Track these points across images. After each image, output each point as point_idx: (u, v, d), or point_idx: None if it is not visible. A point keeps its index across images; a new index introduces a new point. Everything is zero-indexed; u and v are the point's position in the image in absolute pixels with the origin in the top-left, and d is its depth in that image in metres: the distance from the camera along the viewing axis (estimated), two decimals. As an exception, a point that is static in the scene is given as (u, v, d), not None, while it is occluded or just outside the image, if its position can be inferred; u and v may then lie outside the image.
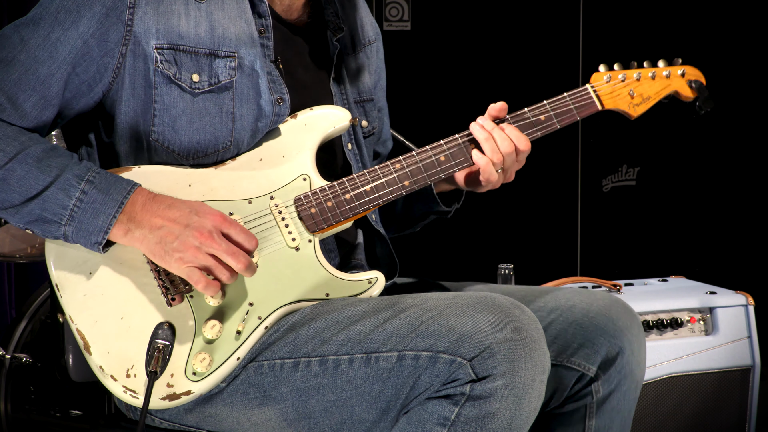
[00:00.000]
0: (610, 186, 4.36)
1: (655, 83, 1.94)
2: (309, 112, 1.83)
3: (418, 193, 1.93)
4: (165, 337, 1.64)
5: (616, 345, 1.79)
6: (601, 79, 1.92)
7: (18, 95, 1.65)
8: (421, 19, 4.10)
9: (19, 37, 1.67)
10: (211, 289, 1.62)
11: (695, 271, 3.42)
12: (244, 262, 1.62)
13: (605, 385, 1.80)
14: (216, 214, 1.63)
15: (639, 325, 1.84)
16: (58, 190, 1.61)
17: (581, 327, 1.80)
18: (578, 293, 1.87)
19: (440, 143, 1.84)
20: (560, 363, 1.80)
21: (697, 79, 1.97)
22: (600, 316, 1.81)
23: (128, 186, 1.64)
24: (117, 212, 1.62)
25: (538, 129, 1.87)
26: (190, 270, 1.61)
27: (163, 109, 1.73)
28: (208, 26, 1.75)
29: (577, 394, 1.82)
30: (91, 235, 1.63)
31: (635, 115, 1.94)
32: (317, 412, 1.65)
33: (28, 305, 2.98)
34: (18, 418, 2.90)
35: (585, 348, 1.79)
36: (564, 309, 1.83)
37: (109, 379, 1.65)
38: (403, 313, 1.63)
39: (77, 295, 1.67)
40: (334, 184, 1.78)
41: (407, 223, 2.10)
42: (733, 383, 2.70)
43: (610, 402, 1.82)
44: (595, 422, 1.83)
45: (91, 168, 1.64)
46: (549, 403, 1.82)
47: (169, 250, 1.61)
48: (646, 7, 4.30)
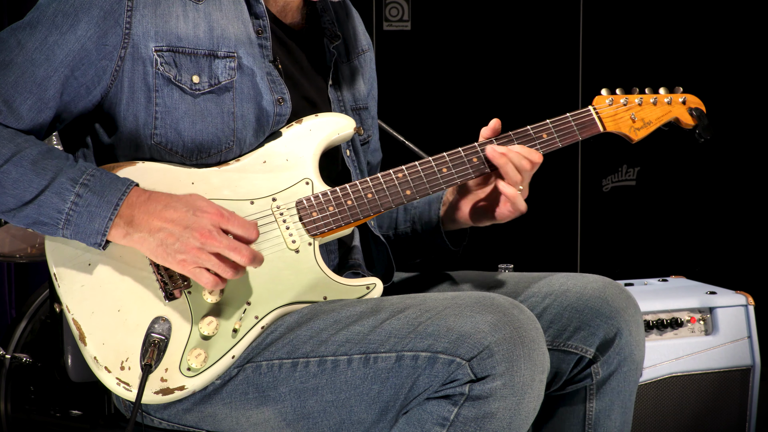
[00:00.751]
0: (610, 186, 4.36)
1: (656, 109, 1.99)
2: (314, 119, 1.83)
3: (424, 234, 1.98)
4: (161, 332, 1.64)
5: (614, 326, 1.80)
6: (604, 102, 1.95)
7: (14, 98, 1.65)
8: (421, 19, 4.10)
9: (16, 41, 1.67)
10: (219, 286, 1.63)
11: (695, 271, 3.42)
12: (248, 255, 1.62)
13: (605, 366, 1.81)
14: (213, 211, 1.63)
15: (635, 305, 1.85)
16: (52, 194, 1.61)
17: (576, 310, 1.81)
18: (572, 277, 1.87)
19: (443, 155, 1.84)
20: (558, 347, 1.81)
21: (698, 107, 2.01)
22: (595, 298, 1.81)
23: (123, 187, 1.63)
24: (113, 215, 1.62)
25: (540, 147, 1.88)
26: (195, 270, 1.62)
27: (164, 111, 1.73)
28: (206, 27, 1.75)
29: (576, 376, 1.83)
30: (89, 237, 1.63)
31: (636, 138, 1.98)
32: (316, 412, 1.65)
33: (28, 305, 2.98)
34: (18, 418, 2.90)
35: (582, 331, 1.80)
36: (558, 293, 1.84)
37: (103, 370, 1.65)
38: (401, 313, 1.63)
39: (75, 286, 1.67)
40: (336, 190, 1.78)
41: (407, 257, 2.10)
42: (733, 383, 2.70)
43: (610, 383, 1.82)
44: (596, 404, 1.83)
45: (86, 170, 1.64)
46: (550, 386, 1.83)
47: (171, 252, 1.61)
48: (645, 5, 4.30)
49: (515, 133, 1.88)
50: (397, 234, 2.07)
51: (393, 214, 2.07)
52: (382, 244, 1.95)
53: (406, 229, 2.05)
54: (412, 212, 2.04)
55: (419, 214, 2.02)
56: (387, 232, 2.07)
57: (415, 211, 2.03)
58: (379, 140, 2.16)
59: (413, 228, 2.04)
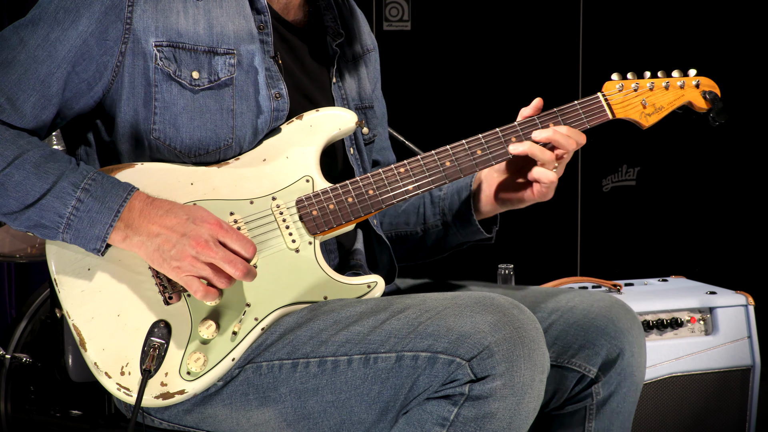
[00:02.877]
0: (610, 186, 4.36)
1: (668, 93, 1.92)
2: (315, 113, 1.82)
3: (455, 224, 1.96)
4: (161, 336, 1.64)
5: (617, 346, 1.79)
6: (614, 87, 1.90)
7: (18, 96, 1.65)
8: (421, 19, 4.10)
9: (19, 38, 1.67)
10: (209, 296, 1.63)
11: (695, 271, 3.42)
12: (242, 269, 1.61)
13: (605, 386, 1.80)
14: (212, 221, 1.63)
15: (639, 326, 1.84)
16: (54, 198, 1.61)
17: (582, 328, 1.80)
18: (578, 294, 1.86)
19: (446, 148, 1.82)
20: (561, 364, 1.80)
21: (712, 90, 1.94)
22: (600, 317, 1.81)
23: (124, 193, 1.63)
24: (113, 221, 1.62)
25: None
26: (188, 279, 1.61)
27: (163, 106, 1.73)
28: (206, 24, 1.75)
29: (577, 395, 1.82)
30: (89, 242, 1.63)
31: (647, 125, 1.92)
32: (316, 412, 1.65)
33: (28, 305, 2.98)
34: (18, 418, 2.90)
35: (586, 349, 1.79)
36: (564, 310, 1.83)
37: (104, 375, 1.65)
38: (401, 313, 1.63)
39: (75, 291, 1.67)
40: (336, 187, 1.78)
41: (438, 252, 2.08)
42: (733, 383, 2.70)
43: (610, 404, 1.82)
44: (594, 424, 1.82)
45: (87, 174, 1.64)
46: (549, 404, 1.82)
47: (167, 258, 1.61)
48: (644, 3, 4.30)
49: (519, 123, 1.86)
50: (427, 228, 2.04)
51: (420, 209, 2.05)
52: (385, 245, 1.94)
53: (436, 222, 2.03)
54: (440, 204, 2.02)
55: (448, 204, 2.00)
56: (415, 228, 2.05)
57: (444, 202, 2.01)
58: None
59: (444, 220, 2.01)
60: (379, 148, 2.11)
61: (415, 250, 2.08)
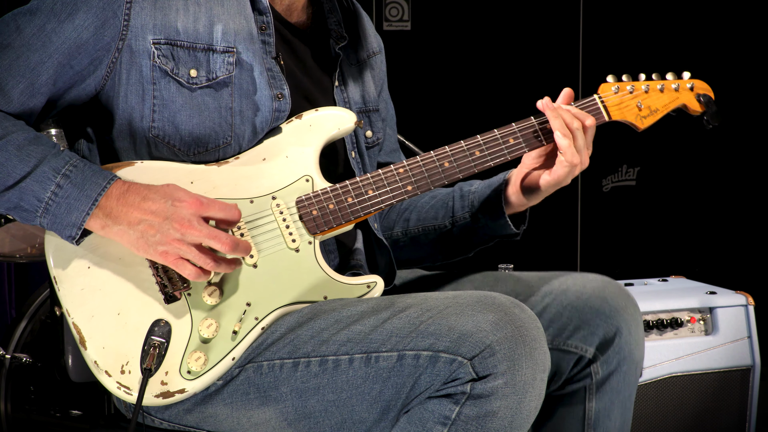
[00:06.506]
0: (610, 186, 4.36)
1: (663, 96, 1.94)
2: (314, 113, 1.82)
3: (485, 218, 1.95)
4: (161, 335, 1.64)
5: (613, 325, 1.80)
6: (609, 90, 1.91)
7: (7, 80, 1.66)
8: (421, 19, 4.10)
9: (16, 25, 1.68)
10: (203, 276, 1.63)
11: (695, 271, 3.42)
12: (228, 243, 1.61)
13: (604, 366, 1.81)
14: (192, 200, 1.62)
15: (635, 305, 1.85)
16: (33, 181, 1.61)
17: (576, 309, 1.81)
18: (571, 276, 1.87)
19: (445, 149, 1.83)
20: (557, 347, 1.81)
21: (706, 94, 1.96)
22: (594, 297, 1.81)
23: (104, 181, 1.63)
24: (90, 209, 1.61)
25: (544, 137, 1.86)
26: (177, 262, 1.61)
27: (162, 104, 1.73)
28: (206, 22, 1.75)
29: (576, 375, 1.83)
30: (65, 229, 1.62)
31: (642, 127, 1.93)
32: (317, 412, 1.65)
33: (28, 305, 2.98)
34: (18, 418, 2.90)
35: (581, 330, 1.80)
36: (558, 293, 1.84)
37: (104, 374, 1.65)
38: (402, 312, 1.63)
39: (75, 289, 1.67)
40: (336, 187, 1.78)
41: (464, 249, 2.07)
42: (733, 383, 2.70)
43: (609, 383, 1.83)
44: (595, 404, 1.83)
45: (69, 160, 1.63)
46: (549, 386, 1.83)
47: (152, 244, 1.61)
48: (644, 3, 4.31)
49: (518, 123, 1.86)
50: (455, 221, 2.03)
51: (449, 203, 2.04)
52: (385, 248, 1.94)
53: (464, 214, 2.01)
54: (470, 197, 2.01)
55: (478, 197, 2.00)
56: (443, 222, 2.04)
57: (474, 195, 2.01)
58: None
59: (473, 213, 2.00)
60: (388, 150, 2.11)
61: (442, 245, 2.07)
